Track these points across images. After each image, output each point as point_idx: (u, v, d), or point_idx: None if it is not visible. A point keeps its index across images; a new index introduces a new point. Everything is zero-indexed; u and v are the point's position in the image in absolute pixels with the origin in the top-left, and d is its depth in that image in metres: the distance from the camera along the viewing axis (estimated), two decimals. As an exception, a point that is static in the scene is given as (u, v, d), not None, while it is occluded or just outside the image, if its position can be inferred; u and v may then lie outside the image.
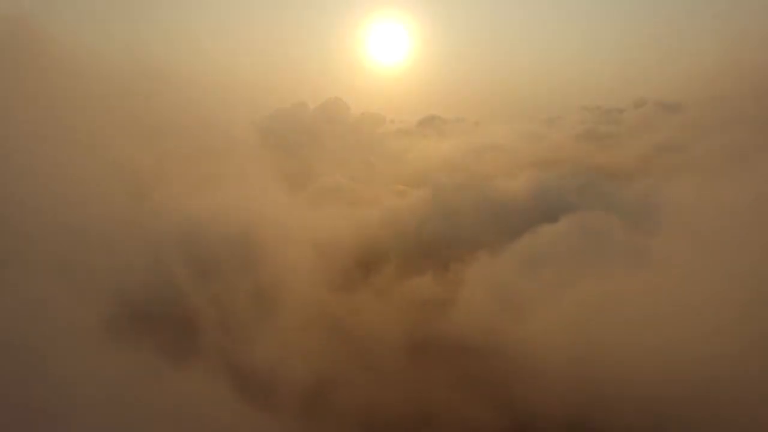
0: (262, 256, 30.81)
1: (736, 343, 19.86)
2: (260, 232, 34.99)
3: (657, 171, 74.35)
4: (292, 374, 22.06)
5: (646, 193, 52.46)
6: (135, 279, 24.90)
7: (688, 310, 22.29)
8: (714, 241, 27.57)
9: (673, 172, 70.78)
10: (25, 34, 36.18)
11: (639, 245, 29.99)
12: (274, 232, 38.11)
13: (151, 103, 58.07)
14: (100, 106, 44.83)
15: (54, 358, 18.42)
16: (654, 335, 21.09)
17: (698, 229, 30.88)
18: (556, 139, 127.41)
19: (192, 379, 19.74)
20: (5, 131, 30.47)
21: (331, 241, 41.15)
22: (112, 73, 51.41)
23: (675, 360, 19.82)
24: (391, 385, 22.32)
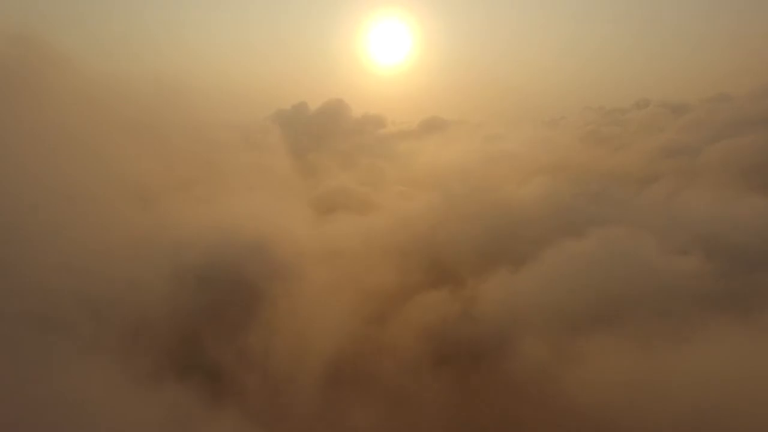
0: (282, 282, 29.19)
1: None
2: (274, 249, 33.48)
3: (669, 175, 72.74)
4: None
5: (665, 202, 51.09)
6: (153, 310, 23.44)
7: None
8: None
9: (687, 177, 69.60)
10: (34, 50, 34.93)
11: (687, 271, 28.10)
12: (289, 249, 36.59)
13: (151, 106, 56.70)
14: (101, 112, 43.37)
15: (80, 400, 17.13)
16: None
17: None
18: (561, 141, 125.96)
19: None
20: (11, 142, 29.20)
21: (345, 255, 39.56)
22: (114, 79, 49.96)
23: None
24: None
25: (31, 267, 23.47)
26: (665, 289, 26.37)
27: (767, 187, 56.33)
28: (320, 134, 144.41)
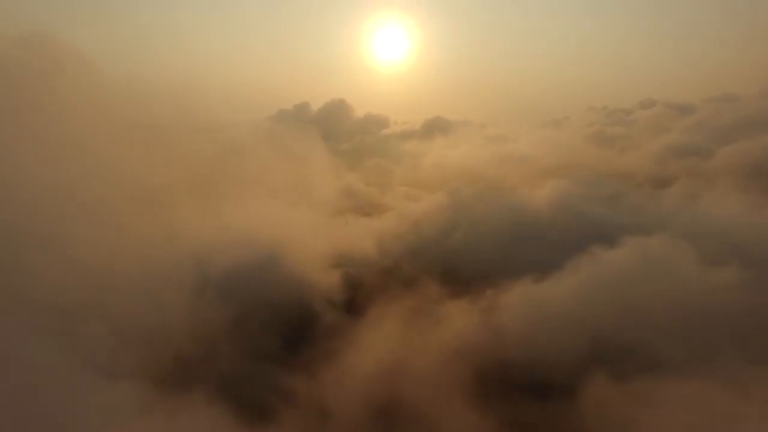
0: (301, 295, 27.59)
1: None
2: (286, 256, 31.90)
3: (683, 178, 71.16)
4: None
5: (686, 206, 49.54)
6: (171, 323, 21.88)
7: None
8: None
9: (702, 180, 68.12)
10: (41, 53, 33.44)
11: (731, 285, 26.20)
12: (299, 254, 35.11)
13: (155, 107, 55.16)
14: (108, 115, 41.82)
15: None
16: None
17: None
18: (566, 142, 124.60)
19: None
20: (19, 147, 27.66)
21: (360, 263, 38.00)
22: (119, 82, 48.41)
23: None
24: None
25: (41, 278, 21.99)
26: (720, 313, 24.34)
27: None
28: (323, 134, 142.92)
